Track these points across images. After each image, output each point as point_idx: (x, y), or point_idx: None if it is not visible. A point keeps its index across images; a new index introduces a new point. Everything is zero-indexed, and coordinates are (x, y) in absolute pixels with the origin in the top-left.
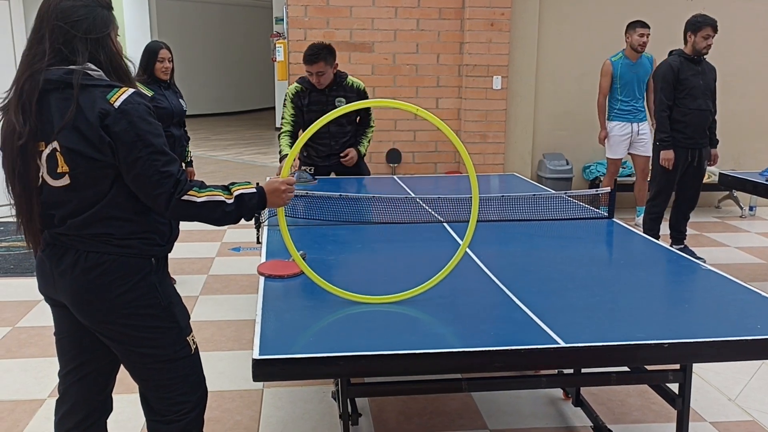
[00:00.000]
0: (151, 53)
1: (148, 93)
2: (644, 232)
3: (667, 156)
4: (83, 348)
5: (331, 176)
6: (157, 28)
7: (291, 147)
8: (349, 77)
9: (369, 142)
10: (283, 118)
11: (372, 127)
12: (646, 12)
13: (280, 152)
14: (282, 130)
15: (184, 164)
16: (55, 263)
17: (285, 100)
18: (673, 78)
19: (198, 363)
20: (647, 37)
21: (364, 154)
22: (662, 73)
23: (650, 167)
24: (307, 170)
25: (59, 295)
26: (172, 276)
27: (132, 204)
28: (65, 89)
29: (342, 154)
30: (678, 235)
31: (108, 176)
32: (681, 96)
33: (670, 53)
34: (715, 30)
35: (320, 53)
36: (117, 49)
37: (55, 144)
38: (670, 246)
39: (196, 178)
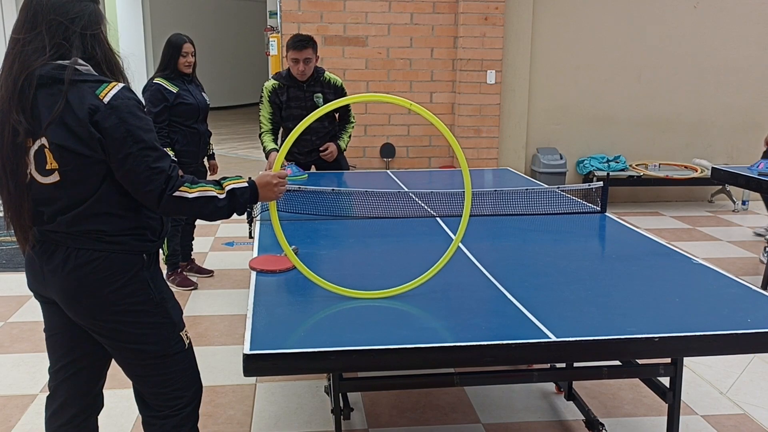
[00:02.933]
0: (174, 47)
1: (173, 89)
2: None
3: None
4: (74, 345)
5: (311, 170)
6: (151, 23)
7: (274, 142)
8: (326, 73)
9: (349, 137)
10: (260, 117)
11: (352, 122)
12: (638, 5)
13: (264, 148)
14: (262, 131)
15: (206, 158)
16: (45, 261)
17: (261, 97)
18: None
19: (192, 358)
20: None
21: (344, 149)
22: None
23: None
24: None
25: (50, 293)
26: (209, 269)
27: (123, 200)
28: (53, 85)
29: (321, 149)
30: None
31: (98, 172)
32: None
33: None
34: None
35: (309, 40)
36: (109, 44)
37: (43, 140)
38: None
39: (218, 171)
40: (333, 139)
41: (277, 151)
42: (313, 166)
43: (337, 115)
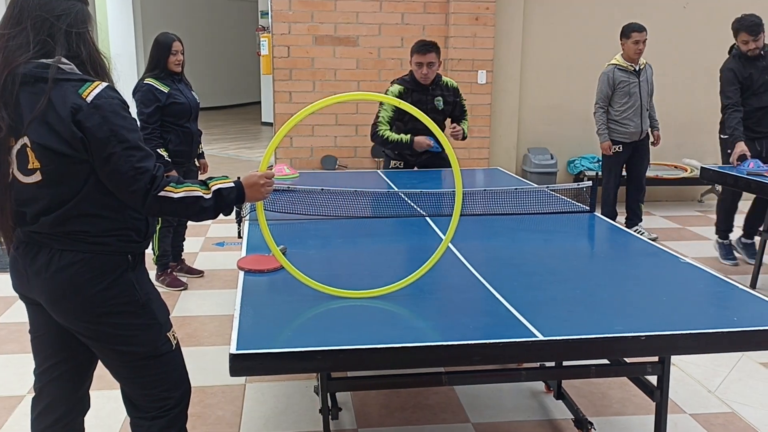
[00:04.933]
0: (163, 46)
1: (164, 89)
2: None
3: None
4: (60, 346)
5: (414, 169)
6: (141, 23)
7: (395, 134)
8: (443, 77)
9: (468, 128)
10: (380, 120)
11: (466, 117)
12: (628, 5)
13: (401, 139)
14: (381, 129)
15: (196, 158)
16: (29, 262)
17: (383, 102)
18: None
19: (180, 358)
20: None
21: (466, 135)
22: None
23: None
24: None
25: (34, 294)
26: (199, 269)
27: (107, 200)
28: (36, 83)
29: (451, 126)
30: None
31: (81, 172)
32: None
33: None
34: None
35: (433, 44)
36: (95, 44)
37: (25, 139)
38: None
39: (208, 170)
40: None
41: (414, 134)
42: (415, 167)
43: (449, 120)
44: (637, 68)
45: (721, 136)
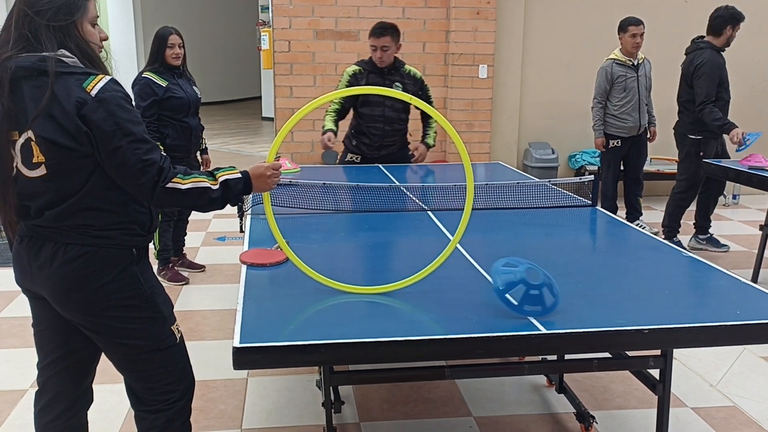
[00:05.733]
0: (160, 39)
1: (163, 83)
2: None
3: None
4: (63, 340)
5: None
6: (141, 18)
7: (334, 123)
8: (407, 65)
9: (435, 132)
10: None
11: (431, 121)
12: (629, 2)
13: (323, 127)
14: (329, 109)
15: (199, 153)
16: (33, 256)
17: (341, 80)
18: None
19: (184, 352)
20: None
21: (433, 146)
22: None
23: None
24: (354, 158)
25: (38, 288)
26: (200, 264)
27: (111, 194)
28: (39, 77)
29: (412, 150)
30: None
31: (86, 166)
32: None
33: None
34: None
35: (388, 28)
36: (85, 36)
37: (30, 133)
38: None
39: (210, 166)
40: (406, 135)
41: (332, 131)
42: (376, 162)
43: (411, 111)
44: (636, 63)
45: (692, 137)
